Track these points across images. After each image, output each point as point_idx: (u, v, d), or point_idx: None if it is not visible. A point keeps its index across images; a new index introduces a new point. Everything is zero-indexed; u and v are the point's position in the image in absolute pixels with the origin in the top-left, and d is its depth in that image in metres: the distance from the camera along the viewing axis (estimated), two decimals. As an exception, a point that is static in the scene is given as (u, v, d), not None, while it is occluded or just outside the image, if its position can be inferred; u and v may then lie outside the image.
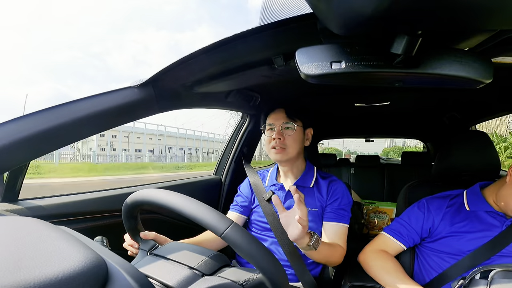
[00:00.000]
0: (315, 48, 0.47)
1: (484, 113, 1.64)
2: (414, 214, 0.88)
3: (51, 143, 0.64)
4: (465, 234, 0.79)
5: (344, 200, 0.97)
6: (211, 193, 1.47)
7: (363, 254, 0.89)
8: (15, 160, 0.62)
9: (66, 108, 0.66)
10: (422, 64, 0.45)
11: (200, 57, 0.70)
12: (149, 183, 1.28)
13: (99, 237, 0.62)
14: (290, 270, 0.93)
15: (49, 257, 0.30)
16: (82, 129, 0.68)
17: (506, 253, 0.74)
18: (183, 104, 0.99)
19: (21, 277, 0.26)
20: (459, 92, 1.27)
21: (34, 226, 0.38)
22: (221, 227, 0.47)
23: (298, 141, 0.98)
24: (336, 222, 0.93)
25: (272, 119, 1.00)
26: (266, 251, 0.48)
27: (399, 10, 0.35)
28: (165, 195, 0.53)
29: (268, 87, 1.16)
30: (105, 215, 0.95)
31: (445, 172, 0.94)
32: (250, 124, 1.49)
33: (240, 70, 0.79)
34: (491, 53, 0.59)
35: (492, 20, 0.40)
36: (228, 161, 1.53)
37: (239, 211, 1.07)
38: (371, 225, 1.94)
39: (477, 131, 0.95)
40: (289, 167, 1.02)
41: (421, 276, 0.87)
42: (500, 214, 0.78)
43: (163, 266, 0.55)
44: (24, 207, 0.76)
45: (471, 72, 0.45)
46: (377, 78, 0.49)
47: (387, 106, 1.55)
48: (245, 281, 0.51)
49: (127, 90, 0.76)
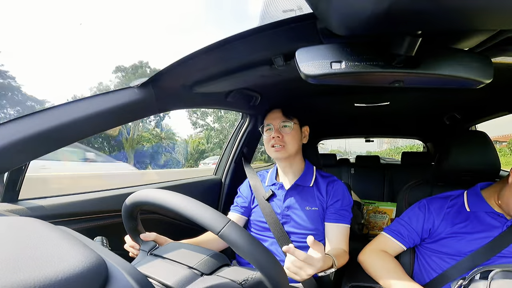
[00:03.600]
0: (315, 48, 0.47)
1: (484, 113, 1.64)
2: (415, 214, 0.88)
3: (51, 144, 0.64)
4: (466, 235, 0.79)
5: (345, 200, 0.97)
6: (211, 194, 1.47)
7: (363, 254, 0.89)
8: (15, 160, 0.62)
9: (66, 108, 0.66)
10: (422, 64, 0.46)
11: (200, 57, 0.70)
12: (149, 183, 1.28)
13: (99, 237, 0.62)
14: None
15: (49, 257, 0.30)
16: (82, 129, 0.68)
17: (506, 254, 0.74)
18: (183, 104, 0.99)
19: (21, 277, 0.26)
20: (459, 92, 1.26)
21: (34, 226, 0.38)
22: (218, 225, 0.46)
23: (296, 138, 1.00)
24: (338, 223, 0.93)
25: (269, 119, 1.02)
26: (264, 249, 0.48)
27: (399, 10, 0.35)
28: (163, 195, 0.53)
29: (268, 87, 1.16)
30: (105, 215, 0.95)
31: (445, 172, 0.94)
32: (250, 124, 1.49)
33: (240, 70, 0.79)
34: (491, 53, 0.58)
35: (492, 20, 0.40)
36: (228, 161, 1.53)
37: (239, 212, 1.07)
38: (371, 225, 1.94)
39: (477, 131, 0.95)
40: (289, 165, 1.02)
41: (421, 276, 0.87)
42: (501, 215, 0.78)
43: (162, 266, 0.55)
44: (24, 207, 0.76)
45: (471, 72, 0.45)
46: (377, 78, 0.49)
47: (387, 106, 1.55)
48: (244, 280, 0.51)
49: (127, 90, 0.76)
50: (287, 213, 0.98)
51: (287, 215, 0.98)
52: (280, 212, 0.99)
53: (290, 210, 0.98)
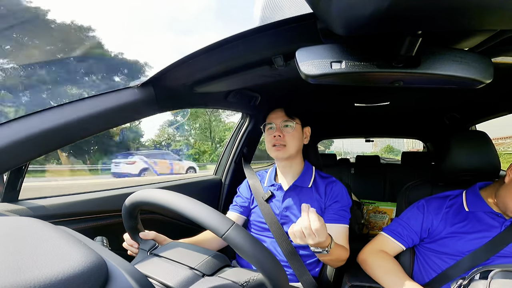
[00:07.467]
0: (315, 48, 0.47)
1: (484, 113, 1.64)
2: (413, 214, 0.88)
3: (51, 143, 0.64)
4: (464, 235, 0.79)
5: (344, 201, 0.97)
6: (211, 193, 1.47)
7: (362, 254, 0.89)
8: (15, 160, 0.62)
9: (66, 108, 0.66)
10: (422, 64, 0.46)
11: (200, 57, 0.70)
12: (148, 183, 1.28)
13: (99, 237, 0.61)
14: (289, 270, 0.93)
15: (49, 257, 0.30)
16: (83, 129, 0.68)
17: (506, 254, 0.74)
18: (183, 104, 0.99)
19: (21, 277, 0.26)
20: (459, 92, 1.27)
21: (34, 226, 0.38)
22: (222, 228, 0.47)
23: (297, 138, 1.00)
24: (338, 224, 0.93)
25: (271, 118, 1.02)
26: (267, 252, 0.48)
27: (399, 10, 0.35)
28: (166, 195, 0.53)
29: (268, 87, 1.16)
30: (105, 215, 0.95)
31: (445, 172, 0.94)
32: (250, 124, 1.49)
33: (240, 70, 0.79)
34: (491, 53, 0.58)
35: (492, 20, 0.39)
36: (228, 161, 1.53)
37: (239, 211, 1.07)
38: (371, 225, 1.94)
39: (477, 131, 0.95)
40: (288, 165, 1.02)
41: (420, 276, 0.87)
42: (499, 214, 0.78)
43: (163, 266, 0.55)
44: (24, 207, 0.76)
45: (471, 72, 0.45)
46: (377, 78, 0.49)
47: (387, 106, 1.55)
48: (246, 282, 0.51)
49: (128, 90, 0.76)
50: (285, 214, 0.98)
51: (285, 215, 0.98)
52: (279, 212, 0.99)
53: (288, 211, 0.98)
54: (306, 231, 0.66)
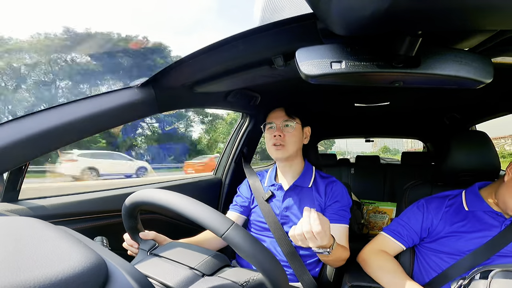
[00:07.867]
0: (315, 48, 0.47)
1: (484, 113, 1.64)
2: (413, 214, 0.88)
3: (51, 143, 0.64)
4: (464, 234, 0.79)
5: (344, 201, 0.97)
6: (211, 193, 1.47)
7: (362, 254, 0.89)
8: (15, 160, 0.62)
9: (66, 108, 0.66)
10: (422, 64, 0.46)
11: (200, 57, 0.70)
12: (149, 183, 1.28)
13: (99, 237, 0.61)
14: (289, 270, 0.93)
15: (49, 257, 0.30)
16: (83, 129, 0.68)
17: (506, 253, 0.74)
18: (183, 104, 0.99)
19: (21, 277, 0.26)
20: (459, 92, 1.27)
21: (34, 226, 0.38)
22: (222, 228, 0.47)
23: (297, 138, 1.00)
24: (338, 224, 0.93)
25: (272, 118, 1.02)
26: (267, 252, 0.48)
27: (399, 11, 0.35)
28: (166, 195, 0.53)
29: (268, 87, 1.16)
30: (105, 215, 0.95)
31: (445, 172, 0.94)
32: (250, 124, 1.49)
33: (240, 70, 0.79)
34: (491, 53, 0.58)
35: (492, 20, 0.40)
36: (228, 161, 1.53)
37: (239, 211, 1.07)
38: (371, 225, 1.94)
39: (477, 131, 0.95)
40: (288, 165, 1.02)
41: (420, 276, 0.87)
42: (499, 214, 0.78)
43: (163, 266, 0.55)
44: (24, 207, 0.76)
45: (471, 72, 0.45)
46: (377, 78, 0.49)
47: (387, 106, 1.55)
48: (246, 282, 0.51)
49: (128, 90, 0.76)
50: (286, 213, 0.98)
51: (286, 215, 0.98)
52: (279, 212, 0.99)
53: (288, 211, 0.98)
54: (307, 235, 0.66)
